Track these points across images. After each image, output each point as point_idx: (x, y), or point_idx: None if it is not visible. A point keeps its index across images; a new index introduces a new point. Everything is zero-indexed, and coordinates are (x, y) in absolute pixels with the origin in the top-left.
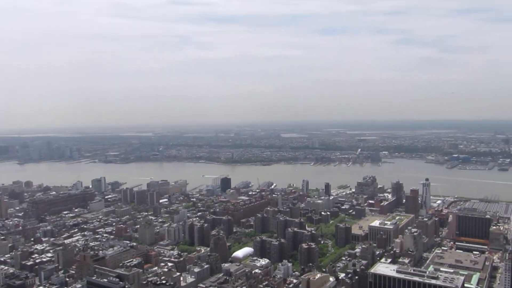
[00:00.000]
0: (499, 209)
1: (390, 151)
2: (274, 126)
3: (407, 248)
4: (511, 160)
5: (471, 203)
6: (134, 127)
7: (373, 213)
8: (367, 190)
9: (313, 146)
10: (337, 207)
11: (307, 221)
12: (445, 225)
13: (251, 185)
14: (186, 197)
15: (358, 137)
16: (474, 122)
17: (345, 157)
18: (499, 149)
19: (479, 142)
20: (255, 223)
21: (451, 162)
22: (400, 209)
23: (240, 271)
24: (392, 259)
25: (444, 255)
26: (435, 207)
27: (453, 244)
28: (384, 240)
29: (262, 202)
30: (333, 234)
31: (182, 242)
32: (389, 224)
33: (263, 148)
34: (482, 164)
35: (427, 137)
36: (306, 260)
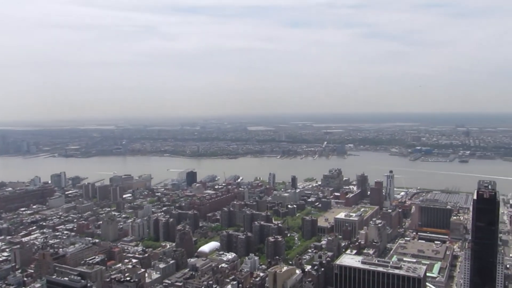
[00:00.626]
0: (459, 199)
1: (355, 143)
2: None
3: (371, 239)
4: (471, 152)
5: (433, 194)
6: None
7: (338, 205)
8: (333, 183)
9: (279, 139)
10: (303, 200)
11: (274, 214)
12: (408, 216)
13: (217, 179)
14: (151, 192)
15: (325, 130)
16: (436, 115)
17: (312, 150)
18: (460, 141)
19: (440, 135)
20: (222, 217)
21: (414, 154)
22: (365, 201)
23: (207, 266)
24: (357, 250)
25: (407, 245)
26: (399, 198)
27: (416, 235)
28: (350, 232)
29: (228, 196)
30: (299, 226)
31: (147, 237)
32: (354, 216)
33: (229, 141)
34: (444, 156)
35: (391, 130)
36: (272, 253)
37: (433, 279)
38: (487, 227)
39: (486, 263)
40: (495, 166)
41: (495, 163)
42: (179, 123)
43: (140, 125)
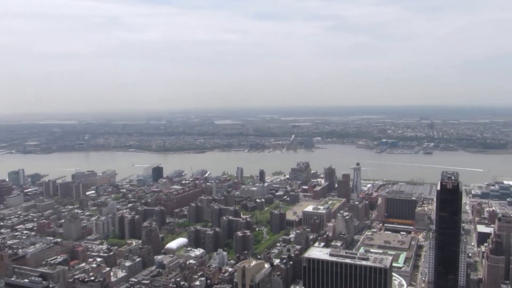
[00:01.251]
0: (424, 191)
1: (323, 136)
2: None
3: (339, 232)
4: (435, 144)
5: (398, 185)
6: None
7: (306, 198)
8: (301, 176)
9: (247, 132)
10: (271, 194)
11: (242, 208)
12: (374, 207)
13: (184, 174)
14: (115, 188)
15: (292, 124)
16: (402, 108)
17: (279, 144)
18: (424, 133)
19: (406, 127)
20: (189, 213)
21: (380, 147)
22: (333, 194)
23: (174, 262)
24: (325, 242)
25: (374, 237)
26: (366, 190)
27: (382, 226)
28: (318, 225)
29: (196, 191)
30: (268, 220)
31: (112, 235)
32: (322, 208)
33: (196, 136)
34: (409, 148)
35: (358, 123)
36: (241, 248)
37: (399, 269)
38: (450, 217)
39: (449, 252)
40: (458, 157)
41: (458, 155)
42: (145, 117)
43: (104, 120)
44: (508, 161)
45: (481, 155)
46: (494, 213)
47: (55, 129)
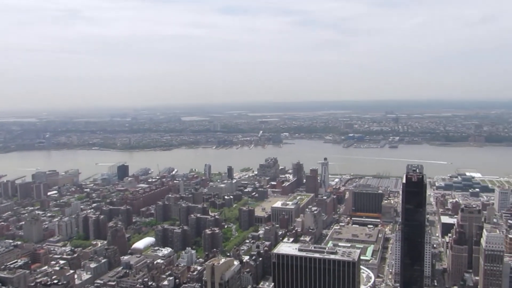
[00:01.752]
0: (390, 184)
1: (290, 132)
2: (174, 109)
3: (308, 227)
4: (400, 138)
5: (365, 179)
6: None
7: (275, 194)
8: (269, 172)
9: (215, 129)
10: (240, 190)
11: (211, 206)
12: (342, 202)
13: (150, 172)
14: (79, 188)
15: (260, 119)
16: (368, 102)
17: (247, 140)
18: (390, 127)
19: (372, 122)
20: (156, 212)
21: (347, 141)
22: (301, 189)
23: (141, 262)
24: (294, 238)
25: (342, 231)
26: (333, 185)
27: (350, 220)
28: (286, 220)
29: (163, 189)
30: (236, 217)
31: (76, 237)
32: (291, 204)
33: (162, 133)
34: (375, 142)
35: (325, 118)
36: (210, 246)
37: (367, 262)
38: (415, 209)
39: (415, 243)
40: (422, 150)
41: (422, 148)
42: (109, 114)
43: (66, 117)
44: (470, 153)
45: (444, 148)
46: (457, 204)
47: (14, 127)
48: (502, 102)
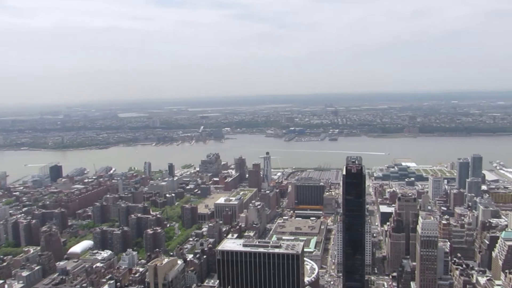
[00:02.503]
0: (331, 176)
1: (232, 127)
2: (110, 106)
3: (252, 222)
4: (339, 131)
5: (307, 172)
6: None
7: (218, 190)
8: (211, 168)
9: (154, 125)
10: (182, 188)
11: (152, 205)
12: (285, 195)
13: (86, 172)
14: (7, 192)
15: (201, 114)
16: (308, 96)
17: (188, 136)
18: (329, 120)
19: (312, 115)
20: (94, 213)
21: (288, 135)
22: (244, 184)
23: (79, 267)
24: (238, 233)
25: (286, 224)
26: (276, 179)
27: (293, 213)
28: (230, 216)
29: (100, 190)
30: (179, 216)
31: (5, 244)
32: (234, 200)
33: (98, 130)
34: (315, 135)
35: (267, 112)
36: (152, 246)
37: (310, 254)
38: (355, 200)
39: (356, 233)
40: (361, 142)
41: (360, 140)
42: (38, 111)
43: None
44: (405, 144)
45: (381, 139)
46: (394, 193)
47: None
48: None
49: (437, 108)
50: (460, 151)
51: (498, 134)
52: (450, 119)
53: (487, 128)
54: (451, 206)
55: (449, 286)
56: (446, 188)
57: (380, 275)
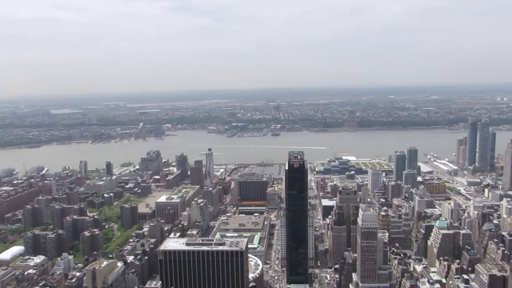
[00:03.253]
0: (273, 171)
1: (173, 123)
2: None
3: (194, 220)
4: (281, 126)
5: (250, 168)
6: None
7: (159, 188)
8: (152, 166)
9: (90, 122)
10: (121, 187)
11: (89, 206)
12: (228, 192)
13: (15, 173)
14: None
15: (140, 110)
16: (250, 91)
17: (127, 133)
18: (272, 115)
19: (254, 110)
20: (24, 217)
21: (230, 131)
22: (186, 182)
23: (9, 275)
24: (181, 232)
25: (229, 221)
26: (219, 175)
27: (237, 209)
28: (172, 215)
29: (31, 191)
30: (118, 216)
31: None
32: (176, 198)
33: (28, 128)
34: (258, 130)
35: (208, 108)
36: (90, 249)
37: (254, 250)
38: (298, 194)
39: (299, 227)
40: (303, 137)
41: (302, 134)
42: None
43: None
44: (345, 138)
45: (322, 133)
46: (335, 187)
47: None
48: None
49: (375, 103)
50: (397, 144)
51: (432, 127)
52: (388, 113)
53: (421, 122)
54: (389, 198)
55: (388, 275)
56: (384, 180)
57: (323, 267)
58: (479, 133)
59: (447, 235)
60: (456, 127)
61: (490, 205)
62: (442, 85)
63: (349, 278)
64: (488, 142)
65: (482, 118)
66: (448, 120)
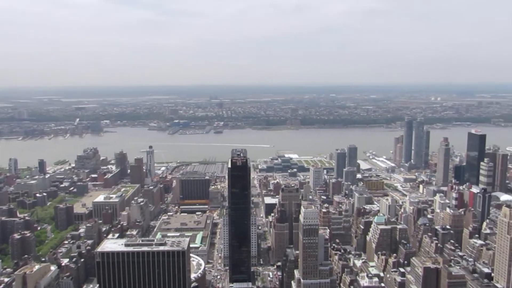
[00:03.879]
0: (216, 169)
1: (112, 119)
2: None
3: (134, 220)
4: (224, 123)
5: (192, 166)
6: None
7: (97, 187)
8: (89, 164)
9: (20, 117)
10: (55, 186)
11: (19, 206)
12: (169, 190)
13: None
14: None
15: (76, 106)
16: (192, 87)
17: (62, 129)
18: (214, 113)
19: (197, 107)
20: None
21: (172, 128)
22: (126, 180)
23: None
24: (120, 233)
25: (171, 220)
26: (160, 174)
27: (178, 208)
28: (111, 215)
29: None
30: (52, 217)
31: None
32: (115, 197)
33: None
34: (201, 128)
35: (149, 104)
36: (20, 252)
37: (197, 249)
38: (241, 192)
39: (241, 226)
40: (246, 134)
41: (245, 132)
42: None
43: None
44: (288, 136)
45: (265, 131)
46: (278, 184)
47: None
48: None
49: (317, 101)
50: (338, 142)
51: (371, 125)
52: (329, 111)
53: (361, 120)
54: (330, 195)
55: (329, 271)
56: (326, 177)
57: (266, 265)
58: (415, 131)
59: (384, 230)
60: (393, 126)
61: (424, 201)
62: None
63: (291, 275)
64: (423, 140)
65: (417, 117)
66: (386, 119)
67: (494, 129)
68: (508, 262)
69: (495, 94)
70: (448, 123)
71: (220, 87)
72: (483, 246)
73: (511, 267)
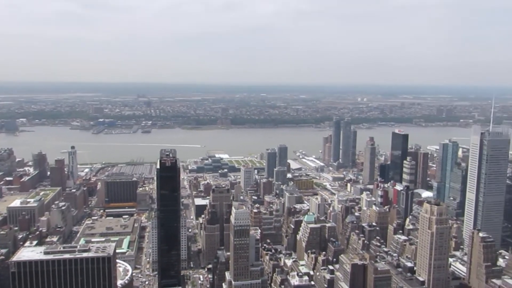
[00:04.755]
0: (144, 170)
1: (29, 118)
2: None
3: (55, 225)
4: (153, 122)
5: (118, 167)
6: None
7: (12, 191)
8: (3, 166)
9: None
10: None
11: None
12: (94, 193)
13: None
14: None
15: None
16: (118, 85)
17: None
18: (142, 111)
19: (123, 106)
20: None
21: (97, 127)
22: (45, 183)
23: None
24: (38, 240)
25: (95, 225)
26: (83, 176)
27: (104, 212)
28: (28, 221)
29: None
30: None
31: None
32: (33, 201)
33: None
34: (127, 127)
35: (71, 101)
36: None
37: (124, 255)
38: (170, 194)
39: (171, 228)
40: (175, 134)
41: (175, 132)
42: None
43: None
44: (218, 135)
45: (195, 131)
46: (208, 185)
47: None
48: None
49: (248, 101)
50: (269, 142)
51: (301, 125)
52: (260, 111)
53: (291, 120)
54: (261, 195)
55: (260, 271)
56: (257, 177)
57: (196, 268)
58: (342, 131)
59: (314, 229)
60: (322, 125)
61: (352, 199)
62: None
63: (222, 277)
64: (350, 140)
65: (345, 117)
66: (315, 119)
67: (416, 129)
68: (429, 256)
69: (416, 96)
70: (373, 123)
71: (148, 85)
72: (406, 241)
73: (431, 260)
